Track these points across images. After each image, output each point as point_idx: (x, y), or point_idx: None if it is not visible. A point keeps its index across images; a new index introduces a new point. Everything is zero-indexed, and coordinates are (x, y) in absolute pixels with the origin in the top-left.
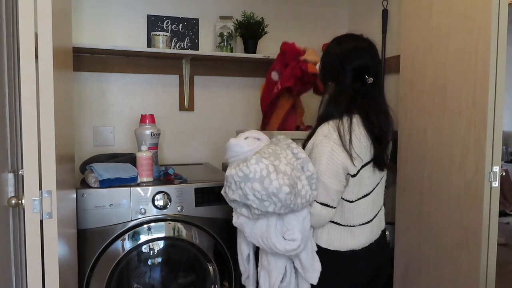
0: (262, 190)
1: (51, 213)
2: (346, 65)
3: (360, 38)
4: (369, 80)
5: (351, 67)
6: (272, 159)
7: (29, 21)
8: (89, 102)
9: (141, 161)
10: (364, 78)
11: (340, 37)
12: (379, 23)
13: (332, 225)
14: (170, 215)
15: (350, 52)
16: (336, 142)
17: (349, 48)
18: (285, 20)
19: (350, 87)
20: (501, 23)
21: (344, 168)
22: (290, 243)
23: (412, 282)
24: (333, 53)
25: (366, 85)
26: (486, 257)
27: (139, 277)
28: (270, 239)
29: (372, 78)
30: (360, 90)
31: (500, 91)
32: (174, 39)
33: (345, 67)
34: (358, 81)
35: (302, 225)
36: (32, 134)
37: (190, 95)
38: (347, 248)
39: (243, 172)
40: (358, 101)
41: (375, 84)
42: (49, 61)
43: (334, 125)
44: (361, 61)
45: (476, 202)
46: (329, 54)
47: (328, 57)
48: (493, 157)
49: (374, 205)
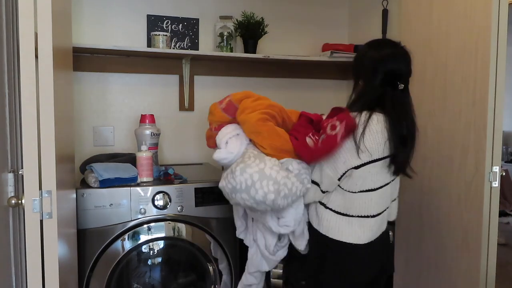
0: (250, 199)
1: (51, 213)
2: (379, 68)
3: (398, 46)
4: (400, 86)
5: (384, 70)
6: (257, 162)
7: (29, 21)
8: (89, 102)
9: (141, 161)
10: (395, 83)
11: (377, 41)
12: (379, 23)
13: (330, 212)
14: (170, 215)
15: (386, 57)
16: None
17: (386, 53)
18: (285, 20)
19: (379, 89)
20: (501, 23)
21: (344, 162)
22: (284, 228)
23: (412, 282)
24: (369, 55)
25: (396, 90)
26: (486, 257)
27: (139, 277)
28: (266, 222)
29: (403, 85)
30: (389, 93)
31: (500, 91)
32: (174, 39)
33: (378, 69)
34: (388, 85)
35: (295, 212)
36: (32, 134)
37: (190, 95)
38: (347, 240)
39: (231, 184)
40: (385, 103)
41: (405, 91)
42: (49, 61)
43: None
44: (394, 66)
45: (476, 202)
46: (364, 56)
47: (362, 58)
48: (493, 157)
49: (379, 203)
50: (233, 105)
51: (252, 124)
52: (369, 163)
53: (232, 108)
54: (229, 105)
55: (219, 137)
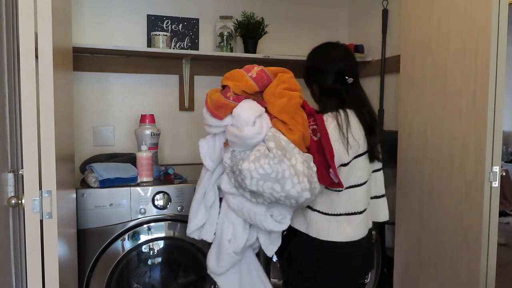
0: (282, 192)
1: (51, 213)
2: (329, 70)
3: (337, 45)
4: (349, 80)
5: (333, 71)
6: (288, 156)
7: (29, 20)
8: (89, 102)
9: (141, 161)
10: (345, 79)
11: (320, 46)
12: (379, 23)
13: (318, 214)
14: (170, 215)
15: (332, 59)
16: (336, 131)
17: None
18: (285, 20)
19: (333, 88)
20: (501, 23)
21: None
22: (277, 225)
23: (412, 282)
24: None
25: (347, 85)
26: (486, 257)
27: (139, 277)
28: (259, 216)
29: (352, 78)
30: (343, 89)
31: (500, 91)
32: (174, 39)
33: (328, 72)
34: (339, 82)
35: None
36: (32, 134)
37: (190, 95)
38: (338, 239)
39: (265, 170)
40: (345, 98)
41: (356, 84)
42: (49, 61)
43: (332, 115)
44: (341, 65)
45: (476, 202)
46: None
47: (312, 66)
48: (493, 157)
49: (363, 199)
50: (267, 76)
51: (294, 103)
52: (354, 158)
53: (265, 79)
54: (261, 75)
55: (245, 114)
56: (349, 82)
